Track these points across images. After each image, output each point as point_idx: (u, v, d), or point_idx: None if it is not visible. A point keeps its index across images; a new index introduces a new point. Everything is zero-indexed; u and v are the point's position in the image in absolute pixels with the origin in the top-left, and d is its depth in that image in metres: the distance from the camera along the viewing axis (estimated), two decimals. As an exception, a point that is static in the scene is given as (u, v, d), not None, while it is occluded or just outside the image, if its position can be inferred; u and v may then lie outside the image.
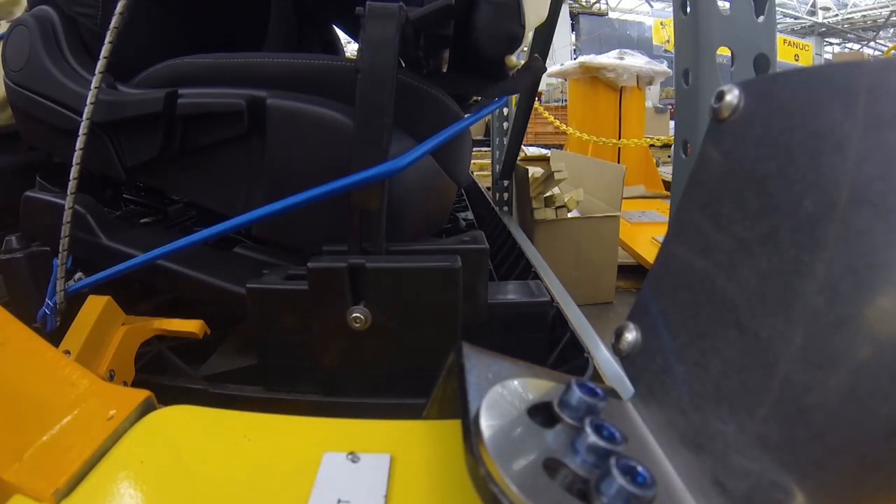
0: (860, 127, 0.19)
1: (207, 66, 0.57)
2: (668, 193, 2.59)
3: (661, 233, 1.94)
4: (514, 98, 1.43)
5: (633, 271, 1.78)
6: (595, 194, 1.83)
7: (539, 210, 1.59)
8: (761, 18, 0.46)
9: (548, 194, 1.61)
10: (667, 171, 3.38)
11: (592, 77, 2.99)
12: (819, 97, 0.21)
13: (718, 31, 0.46)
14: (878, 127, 0.19)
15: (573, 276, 1.62)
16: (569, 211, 1.65)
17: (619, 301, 1.66)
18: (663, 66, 3.11)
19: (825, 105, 0.20)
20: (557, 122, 2.91)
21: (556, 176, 1.60)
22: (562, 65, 3.31)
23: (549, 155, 2.91)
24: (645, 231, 2.02)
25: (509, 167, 1.42)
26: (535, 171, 1.63)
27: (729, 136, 0.24)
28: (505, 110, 1.62)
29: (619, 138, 2.91)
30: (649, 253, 1.72)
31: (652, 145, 2.89)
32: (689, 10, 0.47)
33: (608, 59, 2.99)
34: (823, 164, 0.20)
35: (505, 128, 1.60)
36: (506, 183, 1.48)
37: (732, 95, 0.24)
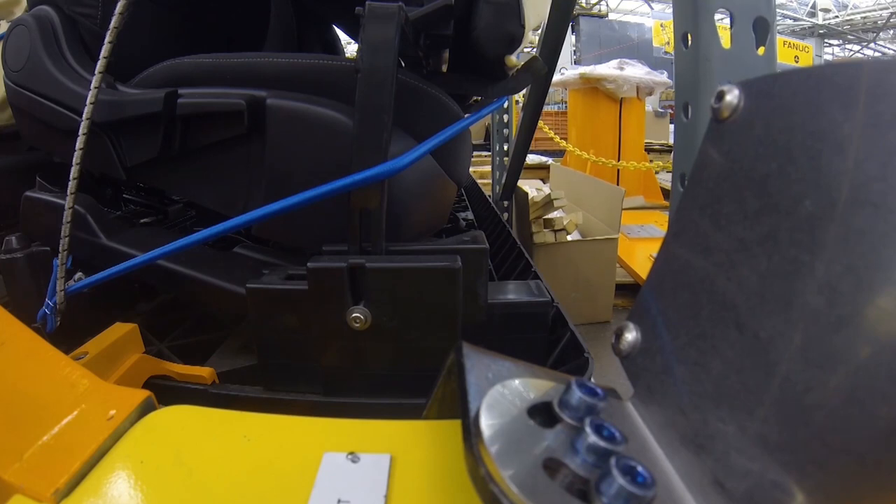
0: (860, 127, 0.19)
1: (207, 66, 0.57)
2: (667, 203, 2.82)
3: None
4: (516, 119, 1.40)
5: (631, 289, 1.79)
6: (594, 213, 1.85)
7: (538, 234, 1.62)
8: (762, 51, 0.45)
9: (548, 217, 1.65)
10: (666, 179, 3.46)
11: (592, 87, 2.99)
12: (819, 97, 0.21)
13: (719, 67, 0.45)
14: (878, 127, 0.19)
15: (571, 296, 1.62)
16: (568, 234, 1.66)
17: (616, 320, 1.67)
18: (663, 77, 3.11)
19: (825, 105, 0.20)
20: (558, 139, 2.91)
21: (556, 203, 1.63)
22: (562, 73, 3.25)
23: (549, 163, 2.89)
24: (643, 248, 2.04)
25: (510, 188, 1.40)
26: (534, 194, 1.67)
27: (729, 136, 0.24)
28: (505, 131, 1.60)
29: (619, 148, 2.93)
30: (647, 272, 1.72)
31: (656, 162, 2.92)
32: (689, 44, 0.46)
33: (608, 69, 2.99)
34: (823, 164, 0.20)
35: (505, 134, 1.58)
36: (505, 203, 1.47)
37: (732, 95, 0.24)
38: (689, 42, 0.46)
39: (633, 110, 3.05)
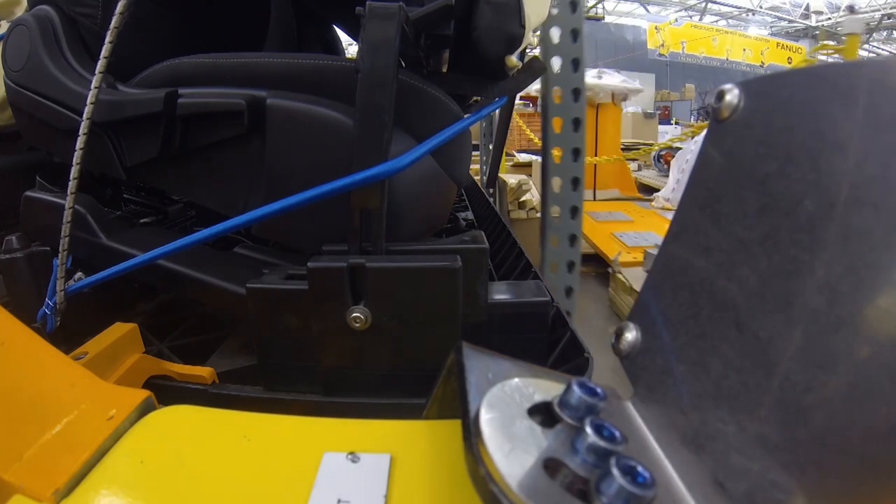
0: (860, 127, 0.19)
1: (207, 66, 0.57)
2: (641, 196, 3.47)
3: (620, 230, 2.45)
4: (497, 114, 1.68)
5: (593, 259, 2.25)
6: None
7: (514, 212, 2.15)
8: (578, 102, 0.84)
9: (522, 199, 2.17)
10: (648, 175, 4.13)
11: None
12: (819, 97, 0.21)
13: (555, 110, 1.09)
14: (878, 127, 0.19)
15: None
16: (537, 212, 2.07)
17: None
18: (636, 84, 3.56)
19: (825, 105, 0.20)
20: (537, 140, 3.43)
21: (524, 188, 2.23)
22: None
23: (532, 160, 3.38)
24: (607, 228, 2.50)
25: (493, 177, 1.67)
26: (511, 182, 2.21)
27: (729, 135, 0.24)
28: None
29: (596, 147, 3.37)
30: (605, 245, 2.19)
31: (631, 159, 3.53)
32: (542, 99, 0.78)
33: (587, 78, 3.30)
34: (823, 164, 0.20)
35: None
36: (491, 191, 1.71)
37: (732, 95, 0.24)
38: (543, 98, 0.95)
39: (610, 114, 3.50)
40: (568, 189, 1.21)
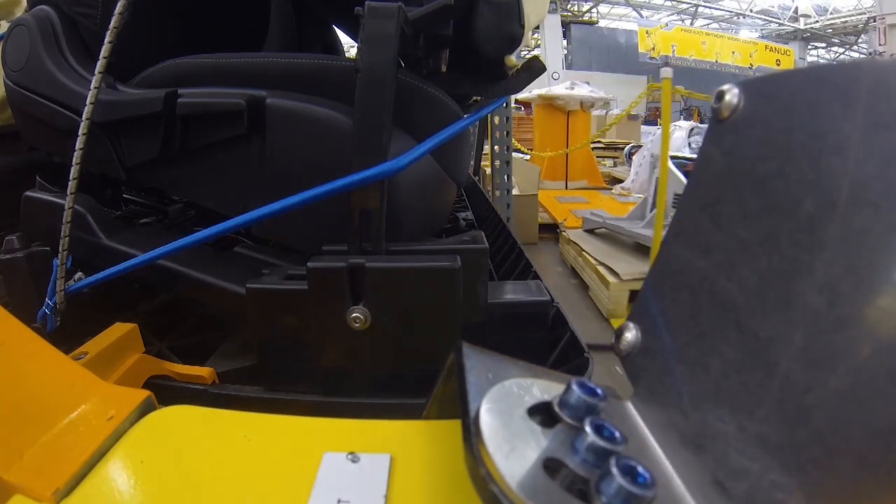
0: (860, 127, 0.19)
1: (207, 66, 0.57)
2: (608, 186, 4.27)
3: (576, 208, 3.09)
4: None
5: (550, 227, 3.02)
6: (526, 181, 2.99)
7: (490, 192, 2.66)
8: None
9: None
10: (620, 170, 4.87)
11: (549, 103, 4.22)
12: (819, 97, 0.21)
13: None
14: (878, 127, 0.19)
15: (512, 230, 2.27)
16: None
17: (540, 243, 2.90)
18: (601, 94, 4.47)
19: (825, 105, 0.20)
20: (516, 143, 3.83)
21: None
22: (555, 77, 4.23)
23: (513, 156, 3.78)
24: (566, 206, 3.24)
25: (477, 166, 2.32)
26: (489, 171, 2.80)
27: (729, 136, 0.24)
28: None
29: (567, 145, 4.16)
30: (559, 216, 2.95)
31: (593, 146, 4.54)
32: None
33: (560, 90, 4.27)
34: (823, 164, 0.20)
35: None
36: (476, 177, 2.19)
37: (732, 95, 0.24)
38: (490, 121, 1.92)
39: (579, 119, 4.32)
40: (503, 165, 2.44)
